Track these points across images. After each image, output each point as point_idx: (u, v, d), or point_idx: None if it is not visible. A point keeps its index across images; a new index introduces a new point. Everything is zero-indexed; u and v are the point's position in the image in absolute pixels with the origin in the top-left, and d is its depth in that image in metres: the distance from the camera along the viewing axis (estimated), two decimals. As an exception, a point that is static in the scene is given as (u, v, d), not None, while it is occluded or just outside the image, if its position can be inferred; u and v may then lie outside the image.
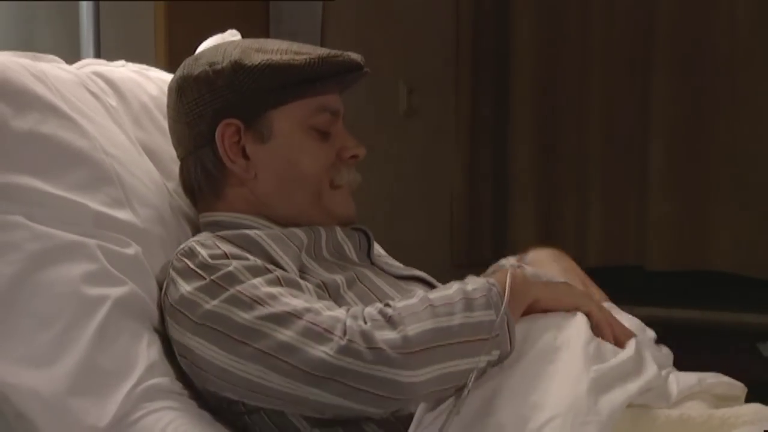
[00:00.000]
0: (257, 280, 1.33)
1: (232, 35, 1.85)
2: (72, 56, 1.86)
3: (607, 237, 3.67)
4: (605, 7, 3.63)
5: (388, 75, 3.49)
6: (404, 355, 1.24)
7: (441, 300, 1.31)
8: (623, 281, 3.69)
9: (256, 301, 1.30)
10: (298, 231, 1.47)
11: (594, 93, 3.65)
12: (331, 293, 1.41)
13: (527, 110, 3.70)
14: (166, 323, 1.40)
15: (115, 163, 1.50)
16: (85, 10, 2.38)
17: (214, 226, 1.51)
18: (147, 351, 1.37)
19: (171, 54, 2.50)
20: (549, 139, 3.72)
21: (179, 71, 1.56)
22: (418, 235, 3.40)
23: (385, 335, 1.25)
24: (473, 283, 1.34)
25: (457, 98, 3.74)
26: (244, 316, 1.30)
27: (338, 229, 1.54)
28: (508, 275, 1.35)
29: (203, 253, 1.37)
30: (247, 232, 1.43)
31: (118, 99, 1.67)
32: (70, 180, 1.44)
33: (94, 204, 1.44)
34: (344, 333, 1.26)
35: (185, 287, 1.36)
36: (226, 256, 1.36)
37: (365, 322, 1.27)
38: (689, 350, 3.39)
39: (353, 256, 1.54)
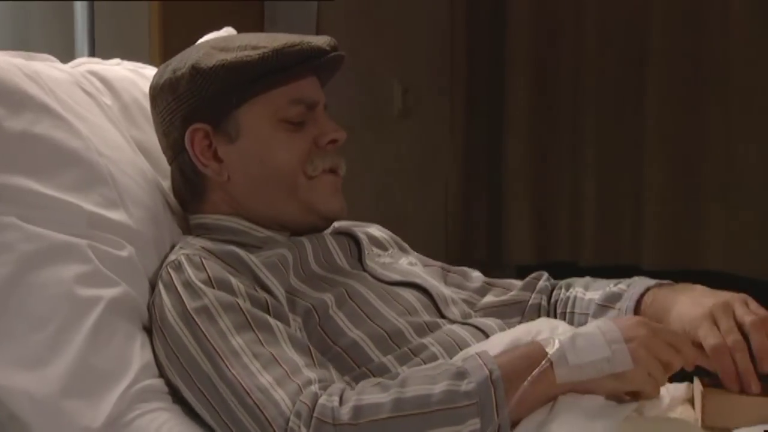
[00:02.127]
0: (227, 324, 1.29)
1: (228, 33, 1.84)
2: (67, 55, 1.86)
3: (602, 237, 3.67)
4: (601, 7, 3.63)
5: (383, 75, 3.49)
6: None
7: (415, 405, 1.18)
8: (618, 281, 3.69)
9: (218, 354, 1.27)
10: (282, 250, 1.44)
11: (589, 93, 3.65)
12: (320, 314, 1.39)
13: (522, 110, 3.70)
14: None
15: (109, 163, 1.50)
16: (80, 9, 2.38)
17: (200, 229, 1.51)
18: (140, 352, 1.37)
19: (166, 53, 2.49)
20: (544, 139, 3.73)
21: (152, 79, 1.56)
22: (413, 235, 3.39)
23: None
24: (470, 377, 1.20)
25: (452, 98, 3.73)
26: (205, 364, 1.29)
27: (327, 237, 1.52)
28: (542, 363, 1.20)
29: (189, 272, 1.36)
30: (238, 252, 1.40)
31: (113, 97, 1.66)
32: (63, 180, 1.43)
33: (88, 205, 1.44)
34: (284, 429, 1.19)
35: (167, 304, 1.36)
36: (209, 281, 1.34)
37: (311, 422, 1.17)
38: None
39: (344, 263, 1.52)
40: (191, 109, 1.48)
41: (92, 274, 1.39)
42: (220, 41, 1.53)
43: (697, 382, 1.35)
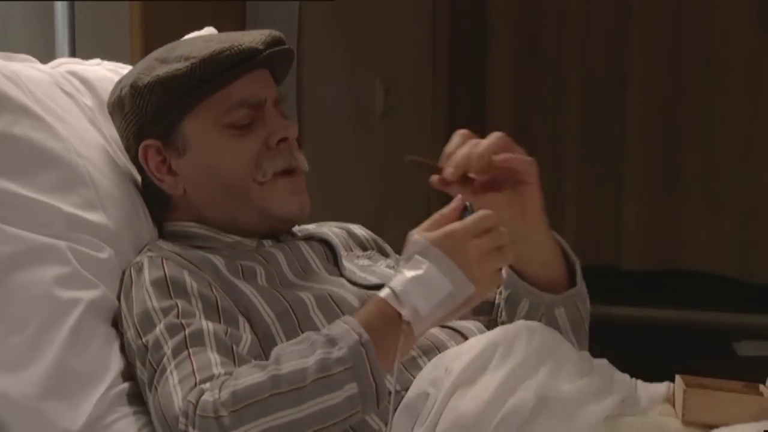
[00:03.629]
0: (162, 330, 1.29)
1: (208, 33, 1.84)
2: (47, 56, 1.86)
3: (583, 236, 3.68)
4: (582, 6, 3.64)
5: (365, 75, 3.49)
6: None
7: (293, 379, 1.18)
8: (598, 281, 3.70)
9: (149, 362, 1.28)
10: (252, 263, 1.43)
11: (571, 94, 3.66)
12: (298, 316, 1.38)
13: (504, 111, 3.71)
14: None
15: (88, 164, 1.49)
16: (61, 9, 2.37)
17: (171, 236, 1.51)
18: (120, 354, 1.37)
19: (147, 53, 2.48)
20: (525, 139, 3.73)
21: (108, 96, 1.56)
22: (394, 235, 3.39)
23: None
24: (341, 343, 1.20)
25: (434, 98, 3.74)
26: (140, 369, 1.31)
27: (302, 244, 1.51)
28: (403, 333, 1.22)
29: (146, 273, 1.36)
30: (205, 254, 1.41)
31: (93, 98, 1.66)
32: (42, 182, 1.43)
33: (67, 206, 1.43)
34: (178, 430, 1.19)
35: (123, 307, 1.37)
36: (164, 281, 1.34)
37: (195, 419, 1.17)
38: (664, 350, 3.42)
39: (321, 270, 1.50)
40: (138, 127, 1.49)
41: (71, 275, 1.38)
42: (163, 51, 1.52)
43: (678, 380, 1.36)
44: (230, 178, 1.45)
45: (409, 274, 1.24)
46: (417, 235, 1.27)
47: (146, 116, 1.47)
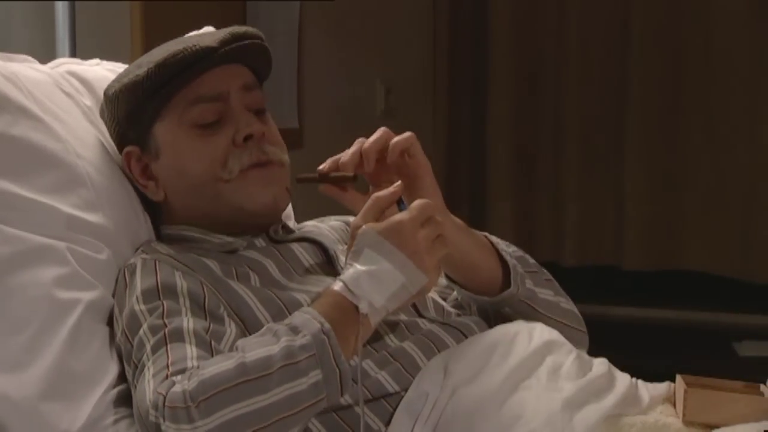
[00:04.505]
0: (146, 330, 1.29)
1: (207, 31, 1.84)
2: (48, 56, 1.86)
3: (584, 237, 3.68)
4: (582, 8, 3.64)
5: (366, 75, 3.49)
6: None
7: (259, 366, 1.18)
8: (600, 281, 3.70)
9: (133, 362, 1.29)
10: (245, 270, 1.42)
11: (572, 94, 3.66)
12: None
13: (505, 111, 3.71)
14: None
15: (87, 165, 1.49)
16: (61, 9, 2.37)
17: (166, 238, 1.51)
18: (119, 355, 1.36)
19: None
20: (527, 140, 3.73)
21: None
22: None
23: (181, 430, 1.15)
24: (303, 331, 1.21)
25: (434, 99, 3.74)
26: (126, 369, 1.32)
27: (295, 247, 1.50)
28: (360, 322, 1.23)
29: (137, 279, 1.36)
30: (203, 259, 1.41)
31: (93, 98, 1.65)
32: (41, 183, 1.43)
33: (66, 207, 1.43)
34: (150, 423, 1.19)
35: (115, 308, 1.38)
36: (156, 285, 1.33)
37: (164, 411, 1.16)
38: (665, 350, 3.42)
39: (317, 270, 1.49)
40: (117, 134, 1.51)
41: (71, 276, 1.38)
42: (145, 56, 1.52)
43: (679, 379, 1.36)
44: (198, 179, 1.45)
45: (362, 268, 1.25)
46: (366, 227, 1.27)
47: (120, 123, 1.49)
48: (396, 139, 1.44)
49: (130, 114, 1.47)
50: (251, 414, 1.16)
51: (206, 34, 1.50)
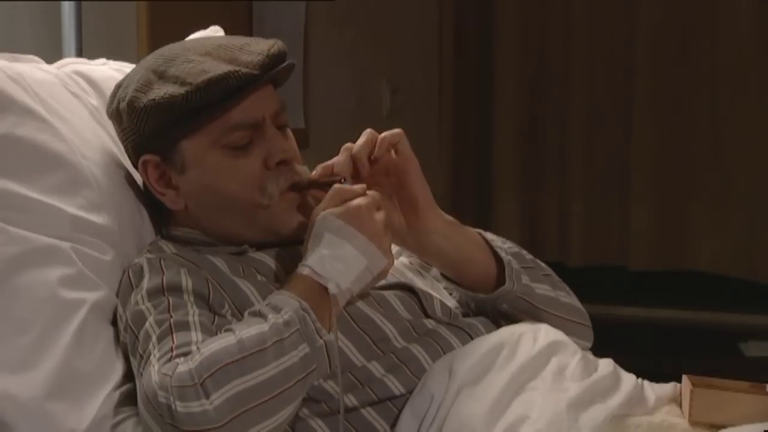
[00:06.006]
0: (152, 322, 1.30)
1: (214, 32, 1.84)
2: (54, 56, 1.86)
3: (590, 237, 3.68)
4: (589, 13, 3.64)
5: (372, 75, 3.49)
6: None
7: (255, 342, 1.21)
8: (606, 281, 3.70)
9: (139, 354, 1.29)
10: (251, 268, 1.42)
11: (577, 95, 3.66)
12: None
13: (510, 112, 3.71)
14: None
15: (92, 165, 1.49)
16: (67, 9, 2.37)
17: (171, 239, 1.50)
18: (124, 355, 1.36)
19: (153, 53, 2.49)
20: (532, 140, 3.73)
21: (107, 101, 1.53)
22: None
23: (191, 408, 1.17)
24: (285, 309, 1.24)
25: (440, 99, 3.74)
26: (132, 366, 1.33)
27: (300, 248, 1.45)
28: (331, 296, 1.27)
29: (144, 279, 1.36)
30: (210, 257, 1.41)
31: (99, 98, 1.65)
32: (46, 183, 1.43)
33: (71, 208, 1.43)
34: (159, 405, 1.20)
35: (119, 308, 1.38)
36: (161, 285, 1.34)
37: (173, 391, 1.18)
38: (671, 350, 3.41)
39: None
40: (136, 143, 1.47)
41: (76, 277, 1.39)
42: (161, 63, 1.47)
43: (685, 380, 1.36)
44: (234, 199, 1.44)
45: (326, 251, 1.29)
46: (325, 213, 1.31)
47: (144, 135, 1.45)
48: (383, 134, 1.46)
49: (158, 129, 1.43)
50: (254, 388, 1.19)
51: (246, 48, 1.45)
